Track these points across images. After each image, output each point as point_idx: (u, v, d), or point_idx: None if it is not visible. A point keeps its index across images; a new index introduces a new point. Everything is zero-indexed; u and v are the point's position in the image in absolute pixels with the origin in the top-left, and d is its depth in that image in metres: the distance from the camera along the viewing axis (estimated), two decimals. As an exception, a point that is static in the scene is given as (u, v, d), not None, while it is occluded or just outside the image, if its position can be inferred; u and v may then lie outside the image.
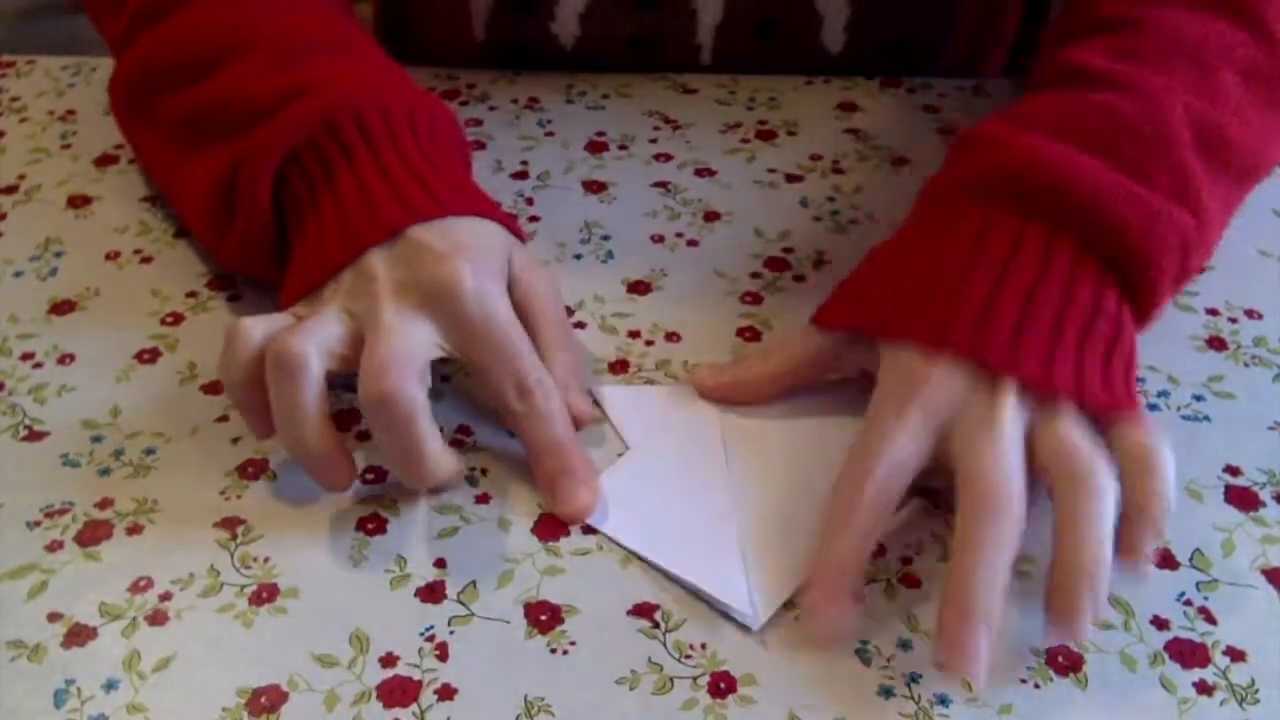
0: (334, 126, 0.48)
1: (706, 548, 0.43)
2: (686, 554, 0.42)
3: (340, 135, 0.48)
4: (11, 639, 0.40)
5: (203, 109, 0.51)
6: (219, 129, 0.50)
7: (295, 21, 0.53)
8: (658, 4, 0.66)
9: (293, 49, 0.51)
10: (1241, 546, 0.44)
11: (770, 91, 0.68)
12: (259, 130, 0.48)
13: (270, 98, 0.49)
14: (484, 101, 0.68)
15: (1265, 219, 0.60)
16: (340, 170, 0.47)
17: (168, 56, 0.53)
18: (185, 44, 0.53)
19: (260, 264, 0.50)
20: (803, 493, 0.44)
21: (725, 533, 0.43)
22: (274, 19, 0.53)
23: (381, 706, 0.38)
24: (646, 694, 0.38)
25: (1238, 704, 0.39)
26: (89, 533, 0.43)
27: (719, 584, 0.41)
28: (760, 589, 0.41)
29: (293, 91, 0.49)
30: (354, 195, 0.47)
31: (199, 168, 0.50)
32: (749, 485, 0.45)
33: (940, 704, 0.38)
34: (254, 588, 0.42)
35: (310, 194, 0.48)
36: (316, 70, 0.50)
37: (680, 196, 0.60)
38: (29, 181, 0.61)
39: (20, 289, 0.54)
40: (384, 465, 0.46)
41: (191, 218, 0.53)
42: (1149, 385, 0.50)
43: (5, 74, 0.70)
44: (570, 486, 0.44)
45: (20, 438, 0.47)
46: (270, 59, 0.50)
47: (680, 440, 0.47)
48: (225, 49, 0.51)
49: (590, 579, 0.42)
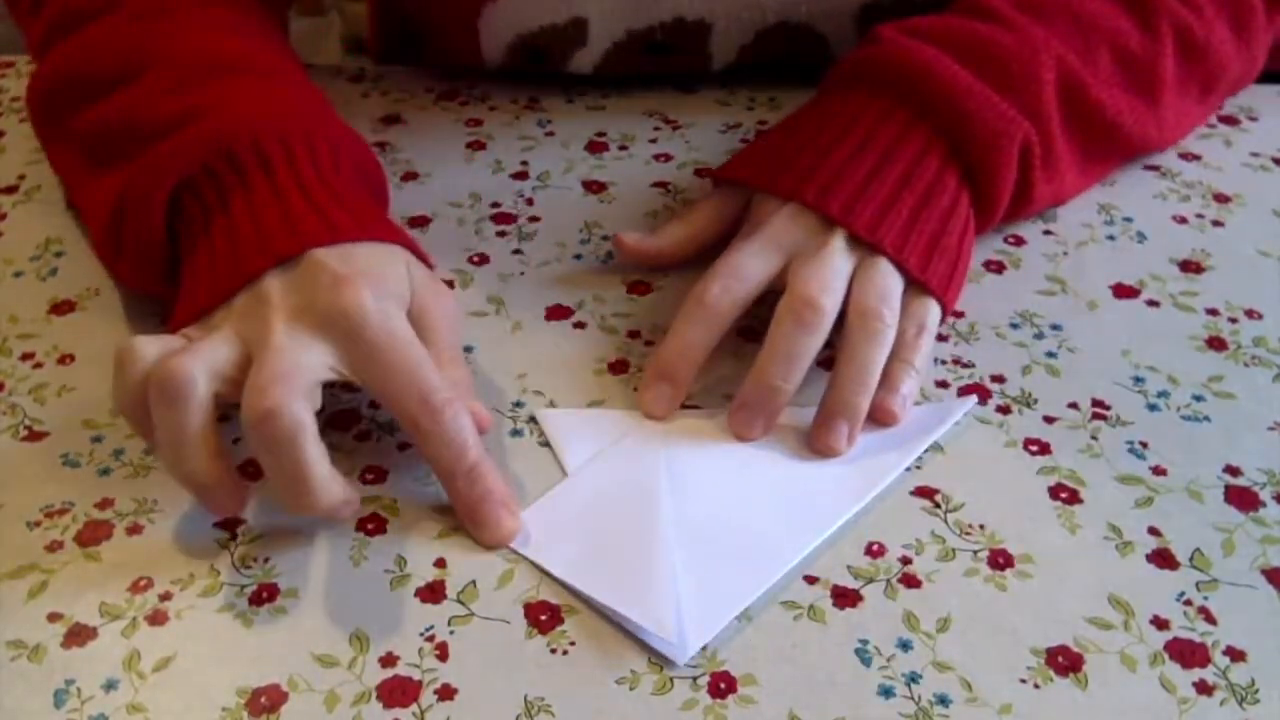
0: (230, 152, 0.47)
1: (638, 577, 0.41)
2: (616, 582, 0.41)
3: (236, 161, 0.47)
4: (11, 639, 0.40)
5: (106, 126, 0.50)
6: (118, 149, 0.49)
7: (206, 41, 0.52)
8: (671, 50, 0.66)
9: (198, 69, 0.51)
10: (1241, 546, 0.44)
11: (770, 92, 0.68)
12: (151, 153, 0.48)
13: (168, 119, 0.48)
14: (484, 101, 0.68)
15: (1265, 219, 0.60)
16: (235, 196, 0.47)
17: (77, 69, 0.52)
18: (94, 58, 0.52)
19: (155, 286, 0.50)
20: (743, 523, 0.44)
21: (660, 562, 0.42)
22: (184, 37, 0.52)
23: (381, 706, 0.38)
24: (646, 694, 0.38)
25: (1238, 704, 0.39)
26: (89, 533, 0.43)
27: (646, 613, 0.40)
28: (693, 619, 0.40)
29: (191, 113, 0.48)
30: (246, 221, 0.46)
31: (100, 185, 0.50)
32: (688, 514, 0.44)
33: (940, 704, 0.38)
34: (254, 588, 0.42)
35: (204, 219, 0.47)
36: (218, 93, 0.49)
37: (680, 196, 0.60)
38: (29, 181, 0.61)
39: (20, 289, 0.54)
40: (381, 465, 0.46)
41: (94, 236, 0.52)
42: (1149, 385, 0.50)
43: (5, 74, 0.70)
44: (492, 512, 0.43)
45: (20, 438, 0.47)
46: (174, 79, 0.50)
47: (620, 467, 0.46)
48: (131, 66, 0.51)
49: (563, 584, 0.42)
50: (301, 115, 0.50)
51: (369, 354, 0.42)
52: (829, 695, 0.38)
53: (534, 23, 0.63)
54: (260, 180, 0.47)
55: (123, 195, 0.48)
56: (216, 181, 0.47)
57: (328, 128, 0.50)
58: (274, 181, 0.47)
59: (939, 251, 0.50)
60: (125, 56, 0.51)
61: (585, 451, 0.46)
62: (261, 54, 0.54)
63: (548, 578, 0.42)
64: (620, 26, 0.64)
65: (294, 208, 0.46)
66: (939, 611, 0.41)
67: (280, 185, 0.47)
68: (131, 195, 0.47)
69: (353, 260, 0.45)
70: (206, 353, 0.42)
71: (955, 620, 0.41)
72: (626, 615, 0.40)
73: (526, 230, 0.58)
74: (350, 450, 0.47)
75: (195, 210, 0.47)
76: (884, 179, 0.50)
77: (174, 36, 0.52)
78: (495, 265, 0.56)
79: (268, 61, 0.53)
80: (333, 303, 0.42)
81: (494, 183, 0.61)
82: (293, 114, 0.50)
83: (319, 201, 0.47)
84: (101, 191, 0.50)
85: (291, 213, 0.46)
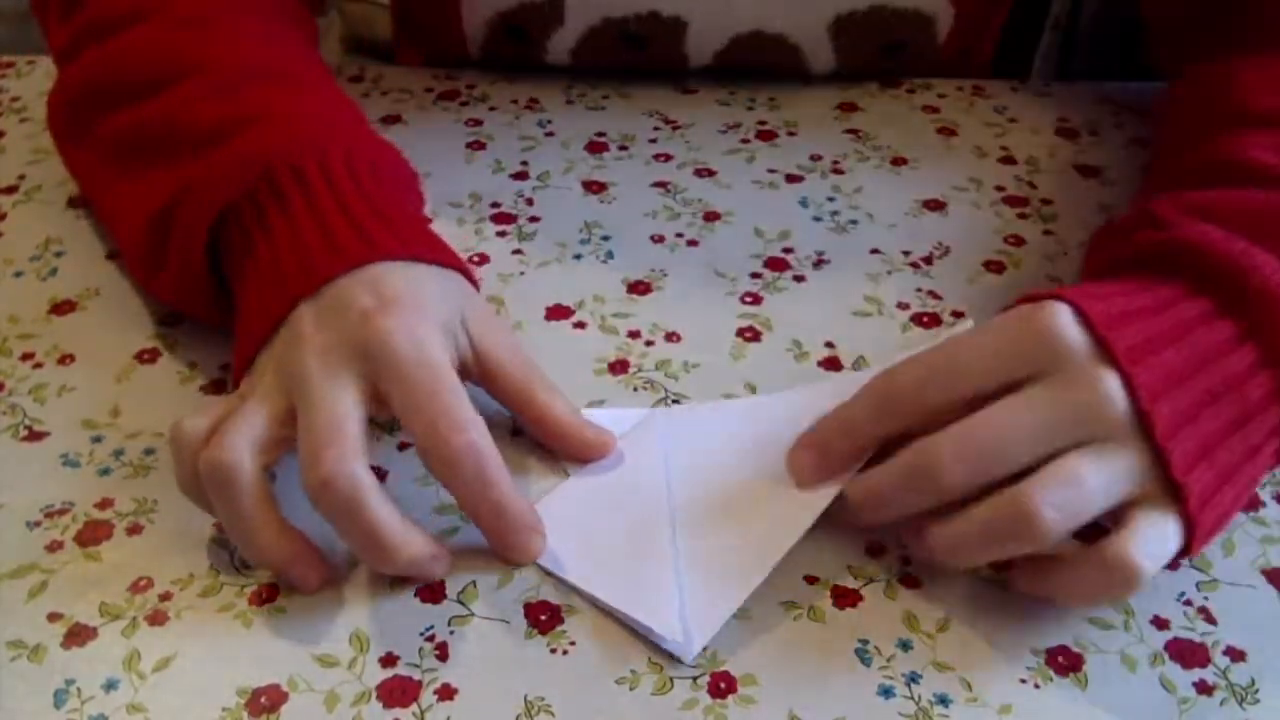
0: (270, 173, 0.46)
1: (641, 577, 0.41)
2: (620, 583, 0.41)
3: (276, 182, 0.46)
4: (11, 639, 0.40)
5: (144, 129, 0.50)
6: (158, 151, 0.49)
7: (244, 50, 0.52)
8: (647, 44, 0.66)
9: (237, 78, 0.50)
10: (1241, 546, 0.44)
11: (770, 92, 0.68)
12: (195, 168, 0.47)
13: (211, 125, 0.48)
14: (484, 101, 0.68)
15: (1265, 219, 0.60)
16: (275, 218, 0.46)
17: (113, 74, 0.52)
18: (132, 63, 0.52)
19: (196, 308, 0.50)
20: (745, 524, 0.43)
21: (661, 562, 0.42)
22: (223, 46, 0.52)
23: (381, 706, 0.38)
24: (646, 694, 0.38)
25: (1238, 704, 0.39)
26: (89, 533, 0.43)
27: (651, 614, 0.40)
28: (696, 619, 0.40)
29: (235, 121, 0.48)
30: (287, 244, 0.45)
31: (136, 189, 0.49)
32: (690, 514, 0.44)
33: (940, 704, 0.38)
34: (254, 588, 0.42)
35: (246, 244, 0.46)
36: (258, 103, 0.49)
37: (680, 196, 0.60)
38: (29, 181, 0.61)
39: (20, 289, 0.54)
40: (381, 465, 0.46)
41: (124, 243, 0.52)
42: (1149, 385, 0.50)
43: (5, 74, 0.70)
44: (519, 539, 0.42)
45: (20, 438, 0.47)
46: (213, 86, 0.50)
47: (622, 468, 0.46)
48: (169, 72, 0.51)
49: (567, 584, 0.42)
50: (340, 129, 0.50)
51: (397, 387, 0.41)
52: (829, 695, 0.38)
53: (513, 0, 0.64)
54: (299, 201, 0.46)
55: (168, 206, 0.47)
56: (257, 206, 0.46)
57: (366, 142, 0.50)
58: (313, 204, 0.46)
59: (1223, 515, 0.40)
60: (162, 62, 0.51)
61: None
62: (297, 64, 0.53)
63: (548, 578, 0.42)
64: (597, 13, 0.65)
65: (333, 227, 0.45)
66: (939, 611, 0.41)
67: (320, 207, 0.46)
68: (177, 222, 0.47)
69: (383, 286, 0.43)
70: (245, 426, 0.41)
71: (955, 620, 0.41)
72: (631, 617, 0.40)
73: (526, 230, 0.58)
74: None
75: (236, 235, 0.47)
76: (1218, 412, 0.40)
77: (212, 44, 0.52)
78: (495, 265, 0.56)
79: (304, 73, 0.53)
80: (359, 338, 0.42)
81: (494, 183, 0.61)
82: (332, 127, 0.50)
83: (360, 219, 0.45)
84: (138, 195, 0.49)
85: (331, 232, 0.45)
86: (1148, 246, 0.44)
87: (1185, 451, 0.39)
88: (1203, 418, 0.40)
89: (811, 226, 0.58)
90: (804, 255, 0.57)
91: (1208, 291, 0.42)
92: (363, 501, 0.39)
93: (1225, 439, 0.40)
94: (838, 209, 0.59)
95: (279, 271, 0.45)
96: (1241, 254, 0.41)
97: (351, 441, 0.40)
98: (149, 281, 0.51)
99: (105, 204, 0.54)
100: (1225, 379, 0.40)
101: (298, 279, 0.44)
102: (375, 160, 0.49)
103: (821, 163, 0.63)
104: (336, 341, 0.42)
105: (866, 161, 0.63)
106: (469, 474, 0.40)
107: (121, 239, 0.52)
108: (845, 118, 0.66)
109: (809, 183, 0.61)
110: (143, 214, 0.48)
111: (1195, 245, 0.42)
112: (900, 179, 0.62)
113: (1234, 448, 0.40)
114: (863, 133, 0.65)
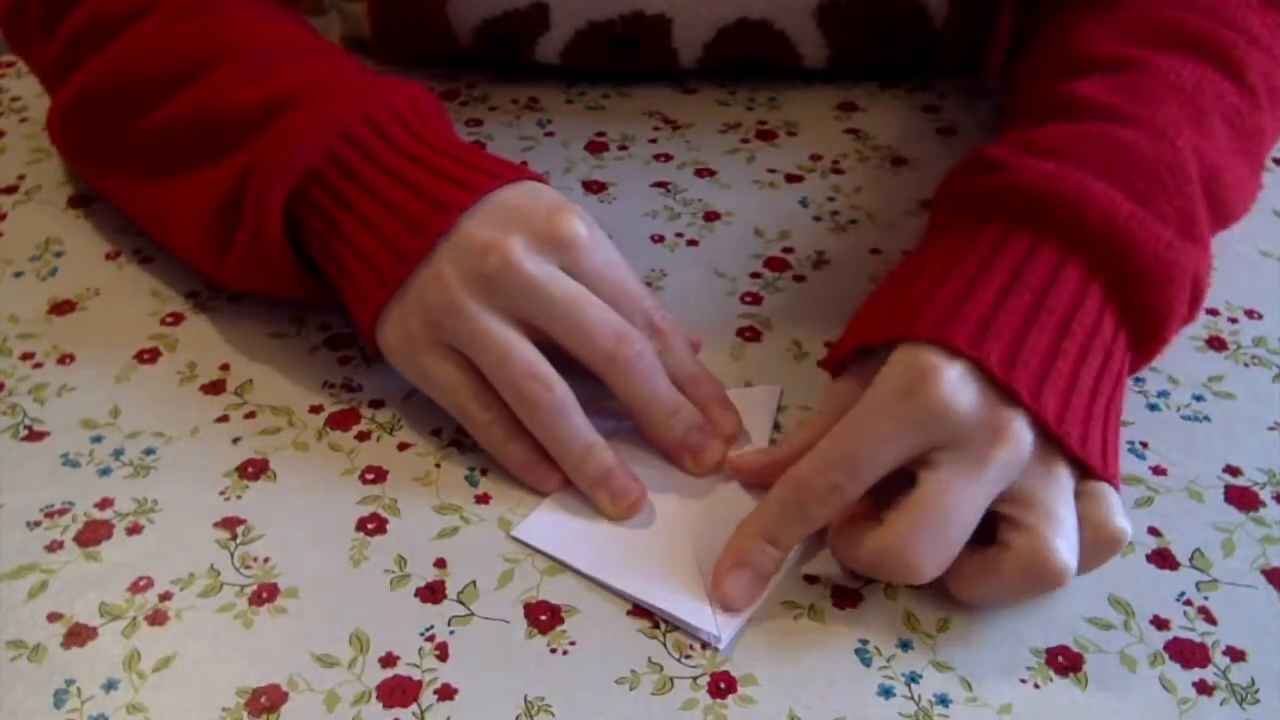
0: (347, 133, 0.47)
1: (666, 569, 0.42)
2: (646, 577, 0.41)
3: (356, 138, 0.47)
4: (11, 639, 0.40)
5: (180, 125, 0.49)
6: (203, 146, 0.49)
7: (260, 31, 0.52)
8: (638, 44, 0.66)
9: (265, 57, 0.50)
10: (1241, 546, 0.44)
11: (770, 91, 0.68)
12: (253, 149, 0.47)
13: (253, 107, 0.48)
14: (484, 101, 0.68)
15: (1265, 219, 0.60)
16: (369, 174, 0.46)
17: (128, 74, 0.51)
18: (145, 60, 0.51)
19: (268, 281, 0.49)
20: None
21: (683, 553, 0.42)
22: (235, 29, 0.51)
23: (381, 706, 0.38)
24: (646, 694, 0.38)
25: (1238, 704, 0.39)
26: (89, 533, 0.43)
27: (681, 604, 0.40)
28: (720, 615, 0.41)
29: (277, 100, 0.48)
30: (397, 192, 0.46)
31: (192, 186, 0.49)
32: (707, 505, 0.44)
33: (940, 704, 0.38)
34: (254, 588, 0.42)
35: (338, 203, 0.46)
36: (297, 75, 0.49)
37: (680, 196, 0.60)
38: (29, 181, 0.61)
39: (20, 289, 0.54)
40: (381, 465, 0.46)
41: (183, 240, 0.51)
42: (1149, 385, 0.50)
43: (5, 74, 0.70)
44: (703, 440, 0.45)
45: (20, 438, 0.47)
46: (245, 68, 0.49)
47: (638, 462, 0.45)
48: (193, 62, 0.50)
49: (590, 579, 0.42)
50: (379, 84, 0.50)
51: (547, 311, 0.44)
52: (829, 695, 0.39)
53: (497, 8, 0.64)
54: (387, 152, 0.47)
55: (235, 190, 0.47)
56: (341, 165, 0.47)
57: (409, 90, 0.50)
58: (405, 150, 0.47)
59: (1093, 420, 0.41)
60: (179, 55, 0.50)
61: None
62: (309, 38, 0.53)
63: (548, 578, 0.42)
64: (582, 16, 0.65)
65: (440, 166, 0.47)
66: (939, 611, 0.41)
67: (412, 152, 0.47)
68: (249, 191, 0.47)
69: (499, 212, 0.46)
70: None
71: (955, 620, 0.41)
72: (664, 609, 0.40)
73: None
74: (350, 450, 0.47)
75: (326, 202, 0.47)
76: (1043, 327, 0.41)
77: (225, 30, 0.51)
78: (495, 265, 0.56)
79: (318, 44, 0.53)
80: (490, 268, 0.44)
81: (494, 183, 0.61)
82: (378, 88, 0.49)
83: (457, 154, 0.48)
84: (195, 193, 0.49)
85: (441, 170, 0.47)
86: (990, 189, 0.45)
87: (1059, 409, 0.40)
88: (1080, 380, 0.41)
89: (811, 226, 0.58)
90: (804, 255, 0.57)
91: (1051, 233, 0.43)
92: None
93: (1096, 384, 0.42)
94: (838, 209, 0.60)
95: (402, 215, 0.46)
96: (1076, 186, 0.44)
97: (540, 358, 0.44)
98: (215, 267, 0.50)
99: (153, 209, 0.52)
100: (1085, 332, 0.42)
101: (432, 214, 0.45)
102: (417, 102, 0.50)
103: (821, 163, 0.63)
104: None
105: (866, 161, 0.63)
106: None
107: (177, 239, 0.52)
108: (845, 117, 0.66)
109: (809, 183, 0.61)
110: (206, 209, 0.48)
111: (1031, 185, 0.44)
112: (900, 179, 0.62)
113: (1067, 350, 0.41)
114: (863, 133, 0.65)
